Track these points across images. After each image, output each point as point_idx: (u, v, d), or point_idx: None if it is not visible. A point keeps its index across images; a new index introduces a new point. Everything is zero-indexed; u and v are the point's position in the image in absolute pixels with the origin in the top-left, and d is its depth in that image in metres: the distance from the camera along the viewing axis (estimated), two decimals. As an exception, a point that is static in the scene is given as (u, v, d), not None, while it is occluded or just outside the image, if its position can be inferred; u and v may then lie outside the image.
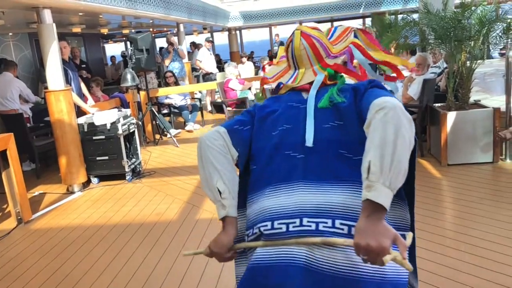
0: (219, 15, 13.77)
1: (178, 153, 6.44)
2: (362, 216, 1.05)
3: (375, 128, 1.07)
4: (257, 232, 1.26)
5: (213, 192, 1.31)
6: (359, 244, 1.03)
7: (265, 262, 1.22)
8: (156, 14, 8.07)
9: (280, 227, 1.20)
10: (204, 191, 1.36)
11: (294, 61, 1.47)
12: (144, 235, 3.66)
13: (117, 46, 21.72)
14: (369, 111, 1.12)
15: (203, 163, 1.33)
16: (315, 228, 1.16)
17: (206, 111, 9.71)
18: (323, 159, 1.25)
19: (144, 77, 7.19)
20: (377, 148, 1.04)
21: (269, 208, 1.25)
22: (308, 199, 1.20)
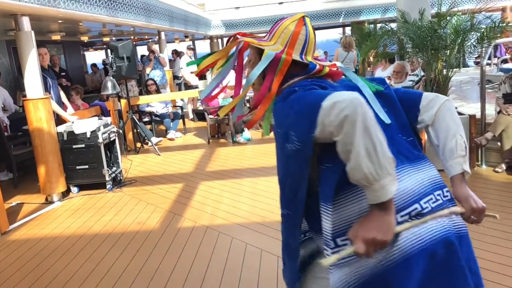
0: (200, 23, 13.80)
1: (160, 161, 6.40)
2: (463, 184, 1.33)
3: (444, 115, 1.35)
4: (406, 217, 1.21)
5: (385, 162, 1.06)
6: (477, 208, 1.29)
7: (420, 244, 1.20)
8: (137, 22, 8.05)
9: (427, 206, 1.25)
10: (362, 165, 1.05)
11: (305, 48, 1.40)
12: (126, 244, 3.62)
13: (97, 54, 21.55)
14: (422, 101, 1.39)
15: (371, 126, 1.04)
16: (442, 200, 1.29)
17: (188, 119, 9.69)
18: (399, 141, 1.34)
19: (125, 85, 7.15)
20: (456, 129, 1.33)
21: (409, 190, 1.24)
22: (422, 176, 1.30)
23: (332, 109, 1.06)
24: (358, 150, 1.04)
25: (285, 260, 1.42)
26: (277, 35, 1.41)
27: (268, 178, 5.07)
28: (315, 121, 1.09)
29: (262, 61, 1.35)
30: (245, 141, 7.15)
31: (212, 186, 4.97)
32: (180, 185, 5.11)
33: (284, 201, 1.32)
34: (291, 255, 1.37)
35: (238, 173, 5.40)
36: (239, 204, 4.32)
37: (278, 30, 1.42)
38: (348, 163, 1.08)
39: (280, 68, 1.35)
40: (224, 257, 3.23)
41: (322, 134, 1.09)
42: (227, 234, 3.63)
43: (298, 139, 1.14)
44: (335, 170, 1.18)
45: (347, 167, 1.08)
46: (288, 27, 1.40)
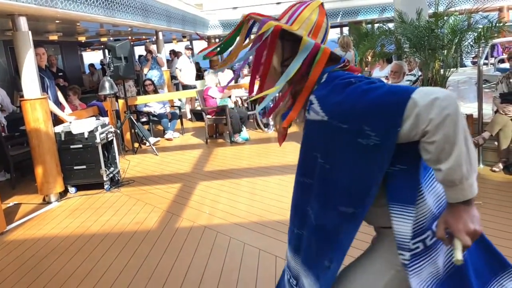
0: (198, 23, 13.80)
1: (157, 161, 6.40)
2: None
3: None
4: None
5: (474, 159, 1.06)
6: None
7: None
8: (135, 22, 8.04)
9: None
10: (462, 165, 1.03)
11: (325, 37, 1.34)
12: (123, 245, 3.62)
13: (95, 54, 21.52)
14: None
15: (465, 124, 1.03)
16: None
17: (186, 119, 9.68)
18: None
19: (123, 85, 7.14)
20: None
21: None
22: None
23: (432, 106, 0.99)
24: (461, 151, 1.01)
25: (332, 261, 1.26)
26: (300, 21, 1.28)
27: (266, 178, 5.07)
28: (401, 115, 1.02)
29: (302, 51, 1.22)
30: (243, 141, 7.15)
31: (210, 186, 4.97)
32: (178, 185, 5.11)
33: (350, 199, 1.18)
34: (341, 258, 1.24)
35: (236, 173, 5.40)
36: (237, 204, 4.32)
37: (300, 16, 1.28)
38: (443, 163, 1.02)
39: (319, 59, 1.23)
40: (222, 257, 3.23)
41: (410, 130, 1.02)
42: (225, 234, 3.63)
43: (376, 134, 1.06)
44: (411, 171, 1.14)
45: (443, 168, 1.03)
46: (311, 15, 1.28)
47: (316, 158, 1.22)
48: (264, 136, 7.53)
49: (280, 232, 3.53)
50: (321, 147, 1.20)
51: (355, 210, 1.18)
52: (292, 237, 1.39)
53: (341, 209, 1.20)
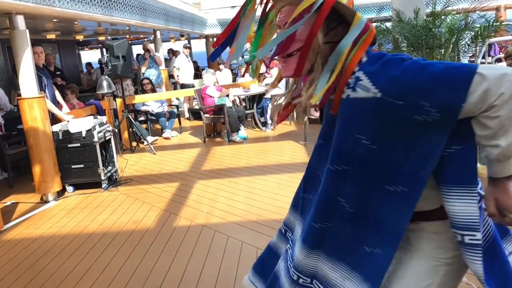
0: (196, 23, 13.78)
1: (155, 160, 6.39)
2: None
3: None
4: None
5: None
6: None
7: None
8: (133, 21, 8.03)
9: None
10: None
11: None
12: (121, 244, 3.62)
13: (93, 53, 21.47)
14: None
15: None
16: None
17: (184, 118, 9.68)
18: None
19: (121, 84, 7.14)
20: None
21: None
22: None
23: (502, 80, 0.99)
24: None
25: (376, 246, 1.19)
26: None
27: (264, 177, 5.07)
28: (467, 89, 1.00)
29: (355, 28, 1.14)
30: (241, 140, 7.15)
31: (208, 185, 4.97)
32: (176, 184, 5.11)
33: (403, 178, 1.13)
34: (393, 241, 1.16)
35: (234, 172, 5.41)
36: (235, 202, 4.33)
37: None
38: (501, 139, 1.03)
39: (366, 37, 1.15)
40: (220, 255, 3.24)
41: (475, 105, 1.01)
42: (223, 232, 3.64)
43: (437, 109, 1.03)
44: (468, 150, 1.11)
45: (502, 144, 1.04)
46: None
47: (358, 140, 1.14)
48: (262, 135, 7.54)
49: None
50: (367, 127, 1.13)
51: (404, 189, 1.13)
52: (310, 233, 1.30)
53: (390, 189, 1.15)
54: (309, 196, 1.42)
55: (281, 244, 1.57)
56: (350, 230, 1.23)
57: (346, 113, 1.16)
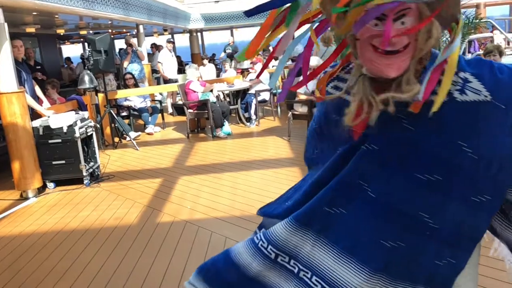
0: (180, 17, 13.67)
1: (138, 156, 6.33)
2: None
3: None
4: None
5: None
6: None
7: None
8: (115, 15, 7.92)
9: None
10: None
11: None
12: (103, 240, 3.58)
13: (74, 47, 21.14)
14: None
15: None
16: None
17: (167, 113, 9.61)
18: None
19: (103, 79, 7.04)
20: None
21: None
22: None
23: None
24: None
25: (453, 258, 1.09)
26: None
27: (248, 172, 5.07)
28: None
29: (460, 29, 1.03)
30: (225, 136, 7.13)
31: (192, 181, 4.95)
32: (159, 180, 5.08)
33: (489, 187, 1.05)
34: (472, 246, 1.09)
35: (218, 168, 5.39)
36: (218, 198, 4.32)
37: None
38: None
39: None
40: (203, 251, 3.23)
41: None
42: (207, 228, 3.63)
43: None
44: None
45: None
46: None
47: (459, 147, 1.02)
48: (246, 131, 7.53)
49: (261, 227, 3.54)
50: (470, 133, 1.02)
51: (493, 198, 1.05)
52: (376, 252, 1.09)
53: (477, 200, 1.05)
54: (340, 211, 1.13)
55: (270, 273, 1.22)
56: (431, 246, 1.07)
57: (449, 116, 1.02)
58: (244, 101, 8.06)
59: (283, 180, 4.71)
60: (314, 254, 1.15)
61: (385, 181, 1.07)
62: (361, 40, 1.00)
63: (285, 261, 1.19)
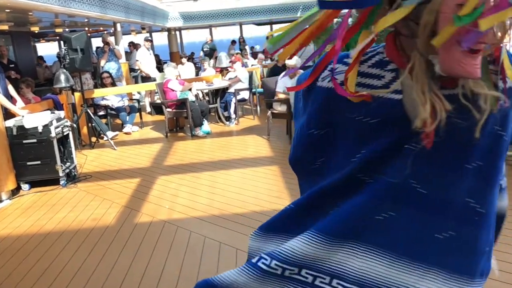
0: (158, 15, 13.55)
1: (116, 156, 6.26)
2: None
3: None
4: None
5: None
6: None
7: None
8: (92, 13, 7.81)
9: None
10: None
11: None
12: (80, 242, 3.53)
13: (50, 45, 20.74)
14: None
15: None
16: None
17: (145, 112, 9.52)
18: None
19: (79, 77, 6.93)
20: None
21: None
22: None
23: None
24: None
25: (491, 244, 1.12)
26: None
27: (227, 171, 5.07)
28: None
29: None
30: (204, 135, 7.11)
31: (170, 180, 4.92)
32: (137, 180, 5.03)
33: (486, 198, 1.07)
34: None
35: (197, 167, 5.38)
36: (197, 197, 4.31)
37: None
38: None
39: None
40: (182, 251, 3.22)
41: None
42: (185, 228, 3.62)
43: None
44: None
45: None
46: None
47: (499, 133, 1.04)
48: (225, 130, 7.52)
49: (240, 225, 3.56)
50: (504, 119, 1.04)
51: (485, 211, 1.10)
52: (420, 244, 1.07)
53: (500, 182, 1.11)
54: (394, 215, 1.07)
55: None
56: (476, 231, 1.08)
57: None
58: (223, 100, 8.05)
59: (262, 179, 4.73)
60: (345, 261, 1.07)
61: (435, 176, 1.05)
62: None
63: (294, 273, 1.10)
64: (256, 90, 9.01)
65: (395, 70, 0.98)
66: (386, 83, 1.00)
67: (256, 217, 3.70)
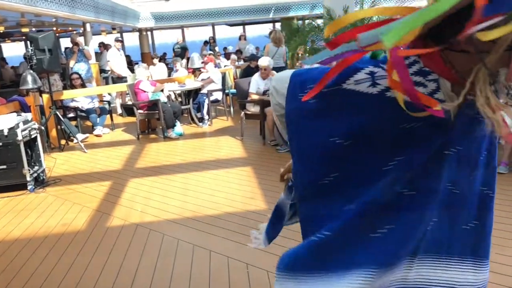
0: (129, 15, 13.37)
1: (86, 159, 6.13)
2: None
3: None
4: None
5: None
6: None
7: None
8: (60, 13, 7.63)
9: None
10: None
11: None
12: (50, 248, 3.44)
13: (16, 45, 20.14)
14: None
15: None
16: None
17: (116, 114, 9.36)
18: None
19: (47, 79, 6.75)
20: None
21: None
22: None
23: None
24: None
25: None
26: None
27: (200, 173, 5.05)
28: None
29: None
30: (177, 136, 7.05)
31: (142, 183, 4.86)
32: (108, 183, 4.94)
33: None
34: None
35: (169, 169, 5.33)
36: (170, 200, 4.27)
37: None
38: None
39: None
40: (155, 254, 3.18)
41: None
42: (158, 231, 3.58)
43: None
44: None
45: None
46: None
47: None
48: (198, 131, 7.48)
49: (214, 227, 3.54)
50: None
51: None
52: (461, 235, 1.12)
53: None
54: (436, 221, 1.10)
55: None
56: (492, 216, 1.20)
57: None
58: (196, 101, 8.00)
59: (235, 180, 4.73)
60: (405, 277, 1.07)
61: (464, 174, 1.09)
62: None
63: None
64: (229, 91, 9.00)
65: (436, 80, 0.98)
66: (430, 92, 0.98)
67: (229, 218, 3.69)
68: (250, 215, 3.73)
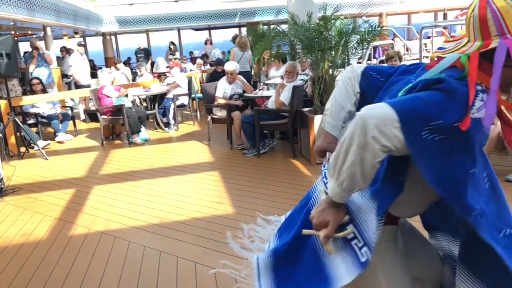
0: (91, 19, 13.10)
1: (48, 166, 5.95)
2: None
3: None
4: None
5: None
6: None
7: None
8: (18, 16, 7.40)
9: None
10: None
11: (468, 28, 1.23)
12: (8, 260, 3.31)
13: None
14: None
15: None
16: None
17: (79, 120, 9.14)
18: None
19: (5, 84, 6.51)
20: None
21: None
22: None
23: None
24: None
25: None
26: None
27: (167, 179, 4.99)
28: None
29: None
30: (142, 142, 6.95)
31: (107, 190, 4.76)
32: (71, 191, 4.81)
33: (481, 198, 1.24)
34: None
35: (135, 175, 5.24)
36: (136, 207, 4.20)
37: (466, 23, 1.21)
38: None
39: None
40: (121, 262, 3.12)
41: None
42: (124, 238, 3.51)
43: None
44: None
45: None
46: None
47: None
48: (164, 136, 7.40)
49: (181, 232, 3.51)
50: None
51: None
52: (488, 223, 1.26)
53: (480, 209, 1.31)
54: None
55: None
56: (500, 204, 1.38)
57: None
58: (161, 106, 7.92)
59: (202, 185, 4.70)
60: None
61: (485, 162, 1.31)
62: None
63: None
64: (195, 96, 8.95)
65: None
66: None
67: (197, 223, 3.67)
68: (217, 219, 3.72)
